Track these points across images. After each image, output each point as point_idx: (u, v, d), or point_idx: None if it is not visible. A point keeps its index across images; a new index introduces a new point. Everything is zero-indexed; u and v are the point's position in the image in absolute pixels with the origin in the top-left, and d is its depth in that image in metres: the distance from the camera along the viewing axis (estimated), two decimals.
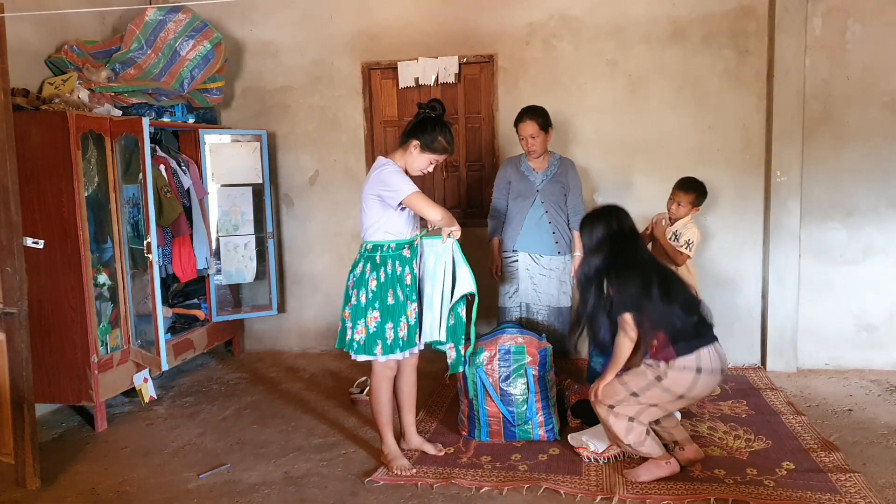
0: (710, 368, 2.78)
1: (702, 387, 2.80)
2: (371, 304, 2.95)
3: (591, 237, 2.95)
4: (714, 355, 2.81)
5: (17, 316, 2.93)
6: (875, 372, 4.30)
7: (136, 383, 3.86)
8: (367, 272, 2.97)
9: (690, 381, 2.78)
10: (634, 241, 2.95)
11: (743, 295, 4.49)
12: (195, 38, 4.29)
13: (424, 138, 2.95)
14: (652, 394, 2.81)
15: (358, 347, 2.98)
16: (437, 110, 3.00)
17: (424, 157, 2.99)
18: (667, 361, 2.78)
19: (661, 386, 2.79)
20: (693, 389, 2.80)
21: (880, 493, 2.79)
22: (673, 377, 2.78)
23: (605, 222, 2.93)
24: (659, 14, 4.39)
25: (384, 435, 3.15)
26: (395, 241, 2.99)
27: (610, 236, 2.91)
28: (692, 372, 2.77)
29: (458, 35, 4.61)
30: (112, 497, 2.97)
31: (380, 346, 2.96)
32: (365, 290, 2.96)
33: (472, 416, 3.39)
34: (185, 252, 4.43)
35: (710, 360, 2.79)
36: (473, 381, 3.33)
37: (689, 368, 2.76)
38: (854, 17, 4.18)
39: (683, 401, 2.88)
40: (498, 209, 3.91)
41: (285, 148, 4.95)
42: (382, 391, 3.09)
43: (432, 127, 2.96)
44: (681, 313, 2.80)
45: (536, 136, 3.71)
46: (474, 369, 3.31)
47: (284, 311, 5.08)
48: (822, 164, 4.29)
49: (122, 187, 3.81)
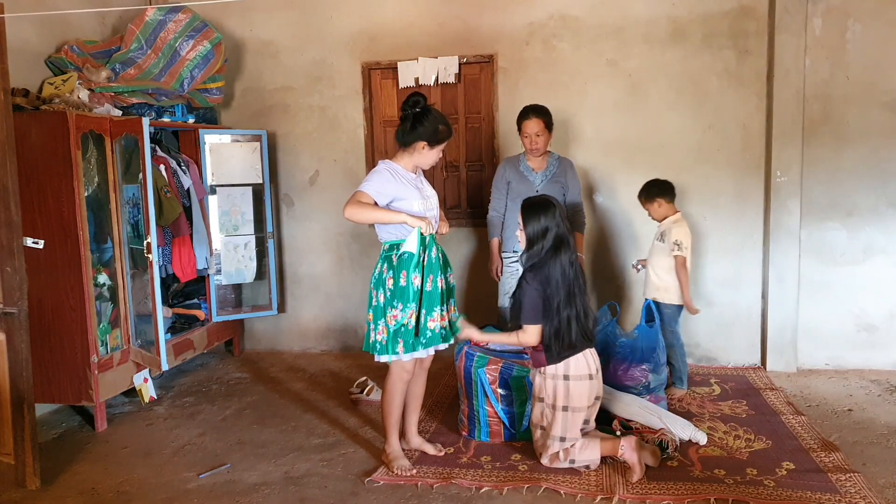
0: (578, 375, 2.97)
1: (575, 394, 2.97)
2: (390, 302, 2.95)
3: (535, 228, 3.01)
4: (581, 363, 2.98)
5: (17, 316, 2.93)
6: (875, 372, 4.30)
7: (136, 383, 3.86)
8: (385, 271, 2.97)
9: (562, 389, 2.97)
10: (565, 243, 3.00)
11: (743, 295, 4.49)
12: (195, 38, 4.29)
13: (428, 135, 2.96)
14: (547, 417, 3.01)
15: (381, 348, 2.97)
16: (421, 103, 3.00)
17: (435, 151, 3.02)
18: (539, 368, 3.01)
19: (545, 404, 3.00)
20: (569, 398, 2.97)
21: (880, 493, 2.79)
22: (547, 388, 2.99)
23: (547, 217, 2.99)
24: (659, 14, 4.39)
25: (389, 435, 3.15)
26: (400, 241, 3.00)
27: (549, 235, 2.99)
28: (560, 379, 2.97)
29: (458, 35, 4.61)
30: (112, 497, 2.97)
31: (401, 344, 2.95)
32: (383, 290, 2.96)
33: (472, 417, 3.40)
34: (185, 252, 4.43)
35: (576, 367, 2.97)
36: (475, 381, 3.34)
37: (557, 376, 2.97)
38: (854, 17, 4.18)
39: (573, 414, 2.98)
40: (497, 210, 3.91)
41: (285, 148, 4.95)
42: (397, 393, 3.08)
43: (427, 120, 2.96)
44: (567, 325, 2.93)
45: (541, 134, 3.72)
46: (476, 370, 3.32)
47: (284, 311, 5.08)
48: (822, 164, 4.29)
49: (122, 187, 3.81)
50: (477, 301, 4.70)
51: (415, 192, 3.00)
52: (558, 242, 2.98)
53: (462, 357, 3.45)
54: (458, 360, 3.48)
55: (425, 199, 3.03)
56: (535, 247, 3.01)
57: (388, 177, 2.97)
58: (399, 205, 2.95)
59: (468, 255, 4.79)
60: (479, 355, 3.41)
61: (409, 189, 2.98)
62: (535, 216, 3.01)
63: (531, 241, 3.02)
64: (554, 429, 2.99)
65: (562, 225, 3.01)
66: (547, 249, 2.98)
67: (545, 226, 2.98)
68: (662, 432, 3.17)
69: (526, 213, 3.05)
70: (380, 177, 2.97)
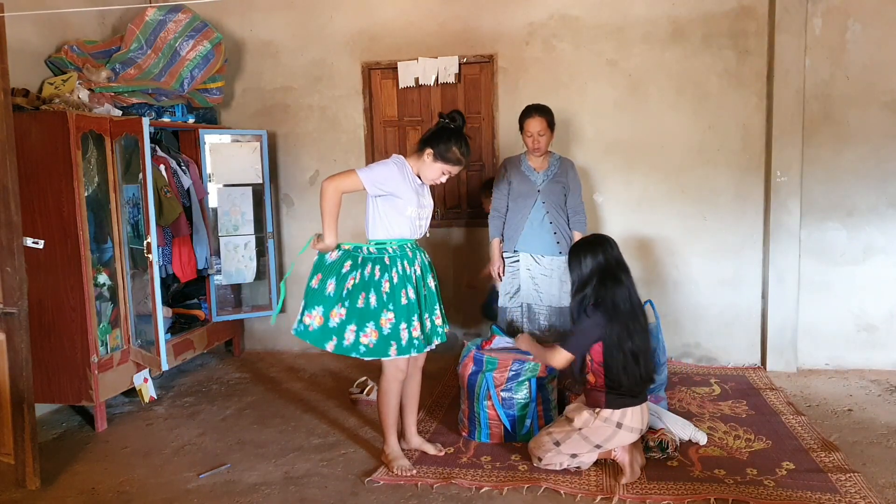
0: (631, 427, 2.92)
1: (618, 441, 2.94)
2: (385, 305, 2.92)
3: (581, 269, 2.99)
4: (637, 416, 2.93)
5: (17, 316, 2.93)
6: (875, 372, 4.30)
7: (136, 383, 3.86)
8: (378, 274, 2.94)
9: (609, 434, 2.92)
10: (617, 277, 2.95)
11: (743, 295, 4.49)
12: (195, 38, 4.28)
13: (439, 147, 2.94)
14: (572, 442, 2.96)
15: (366, 350, 2.92)
16: (458, 122, 3.01)
17: (437, 167, 2.98)
18: (593, 408, 2.93)
19: (581, 434, 2.95)
20: (610, 442, 2.94)
21: (880, 493, 2.79)
22: (595, 426, 2.92)
23: (593, 254, 2.97)
24: (659, 14, 4.39)
25: (388, 436, 3.15)
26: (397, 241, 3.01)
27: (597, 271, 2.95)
28: (612, 426, 2.91)
29: (458, 35, 4.61)
30: (112, 497, 2.97)
31: (394, 346, 2.93)
32: (376, 292, 2.92)
33: (472, 418, 3.39)
34: (185, 252, 4.43)
35: (632, 419, 2.92)
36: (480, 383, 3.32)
37: (610, 421, 2.91)
38: (854, 17, 4.18)
39: (599, 450, 3.00)
40: (498, 210, 3.91)
41: (285, 148, 4.95)
42: (392, 393, 3.07)
43: (448, 137, 2.95)
44: (629, 369, 2.88)
45: (543, 134, 3.72)
46: (483, 374, 3.31)
47: (284, 311, 5.07)
48: (822, 164, 4.29)
49: (122, 187, 3.81)
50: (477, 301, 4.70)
51: (414, 196, 2.98)
52: (606, 274, 2.92)
53: (469, 361, 3.42)
54: (463, 364, 3.45)
55: (420, 208, 3.03)
56: (580, 289, 2.97)
57: (395, 171, 2.95)
58: (395, 202, 2.94)
59: (468, 255, 4.78)
60: (487, 358, 3.35)
61: (410, 191, 2.97)
62: (579, 252, 3.00)
63: (576, 280, 3.00)
64: (566, 447, 2.98)
65: (611, 256, 2.95)
66: (596, 292, 2.92)
67: (591, 265, 2.95)
68: (662, 432, 3.17)
69: (571, 249, 3.06)
70: (385, 169, 2.95)
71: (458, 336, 4.86)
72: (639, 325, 2.94)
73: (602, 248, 2.98)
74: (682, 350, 4.59)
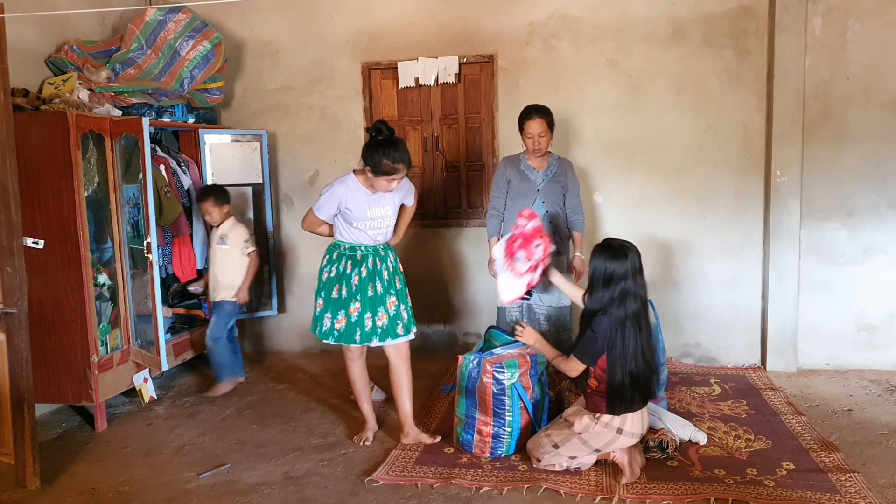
0: (631, 432, 2.94)
1: (618, 446, 2.96)
2: (354, 296, 3.22)
3: (604, 273, 2.90)
4: (637, 421, 2.94)
5: (17, 316, 2.93)
6: (875, 372, 4.30)
7: (136, 383, 3.86)
8: (350, 268, 3.24)
9: (609, 439, 2.94)
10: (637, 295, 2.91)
11: (743, 295, 4.49)
12: (195, 38, 4.29)
13: (372, 163, 3.11)
14: (571, 445, 2.98)
15: (338, 336, 3.26)
16: (383, 133, 3.12)
17: (382, 180, 3.13)
18: (594, 413, 2.95)
19: (581, 438, 2.96)
20: (609, 446, 2.96)
21: (880, 493, 2.79)
22: (595, 431, 2.94)
23: (620, 265, 2.88)
24: (659, 14, 4.39)
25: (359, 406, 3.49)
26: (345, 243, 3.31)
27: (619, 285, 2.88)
28: (613, 431, 2.92)
29: (458, 35, 4.61)
30: (112, 497, 2.97)
31: (359, 333, 3.23)
32: (347, 285, 3.24)
33: (498, 435, 3.17)
34: (185, 252, 4.44)
35: (632, 424, 2.93)
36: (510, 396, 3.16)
37: (611, 427, 2.92)
38: (854, 17, 4.18)
39: (598, 454, 3.03)
40: (497, 209, 3.90)
41: (285, 148, 4.95)
42: (353, 373, 3.41)
43: (375, 151, 3.09)
44: (632, 378, 2.88)
45: (544, 135, 3.71)
46: (510, 387, 3.15)
47: (284, 311, 5.08)
48: (822, 164, 4.29)
49: (122, 187, 3.81)
50: (477, 301, 4.70)
51: (364, 209, 3.19)
52: (626, 293, 2.87)
53: (486, 377, 3.15)
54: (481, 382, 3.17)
55: (371, 220, 3.22)
56: (596, 292, 2.92)
57: (339, 192, 3.18)
58: (346, 215, 3.21)
59: (468, 254, 4.78)
60: (507, 362, 3.14)
61: (359, 205, 3.19)
62: (602, 256, 2.91)
63: (592, 282, 2.94)
64: (566, 450, 2.99)
65: (633, 282, 2.88)
66: (610, 300, 2.87)
67: (611, 271, 2.87)
68: (662, 432, 3.17)
69: (596, 250, 2.96)
70: (330, 195, 3.20)
71: (458, 336, 4.86)
72: (645, 335, 2.93)
73: (629, 259, 2.89)
74: (682, 350, 4.59)
